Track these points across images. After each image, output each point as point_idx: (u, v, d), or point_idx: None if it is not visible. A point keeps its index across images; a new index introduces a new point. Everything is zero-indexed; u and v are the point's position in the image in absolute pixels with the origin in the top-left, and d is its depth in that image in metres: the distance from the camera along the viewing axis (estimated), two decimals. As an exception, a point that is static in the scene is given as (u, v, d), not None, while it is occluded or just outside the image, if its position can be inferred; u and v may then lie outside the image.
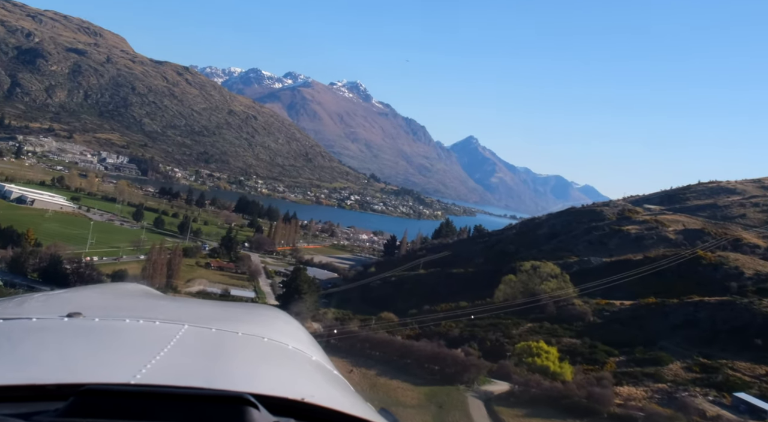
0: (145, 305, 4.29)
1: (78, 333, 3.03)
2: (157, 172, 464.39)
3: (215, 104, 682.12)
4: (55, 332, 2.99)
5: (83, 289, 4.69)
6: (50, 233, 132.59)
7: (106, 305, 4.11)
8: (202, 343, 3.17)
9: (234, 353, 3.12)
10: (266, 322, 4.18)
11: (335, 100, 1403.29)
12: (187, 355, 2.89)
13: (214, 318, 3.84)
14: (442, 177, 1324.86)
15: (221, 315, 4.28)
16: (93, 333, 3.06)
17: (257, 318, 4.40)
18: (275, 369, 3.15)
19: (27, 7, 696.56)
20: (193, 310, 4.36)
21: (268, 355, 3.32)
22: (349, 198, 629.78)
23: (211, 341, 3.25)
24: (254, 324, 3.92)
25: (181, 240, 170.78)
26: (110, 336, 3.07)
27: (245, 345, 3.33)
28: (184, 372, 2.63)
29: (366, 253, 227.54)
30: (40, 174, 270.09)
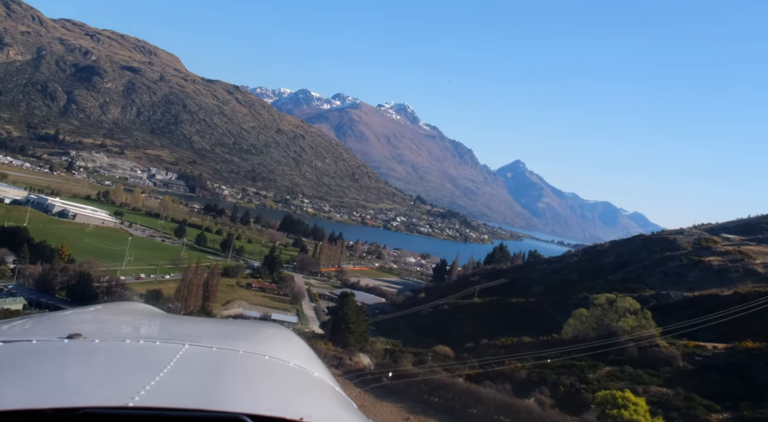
0: (146, 325, 4.27)
1: (77, 355, 3.02)
2: (205, 189, 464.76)
3: (264, 123, 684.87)
4: (55, 354, 2.98)
5: (84, 310, 4.64)
6: (87, 249, 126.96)
7: (106, 326, 4.10)
8: (202, 363, 3.15)
9: (234, 372, 3.11)
10: (268, 340, 4.15)
11: (383, 122, 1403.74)
12: (187, 375, 2.87)
13: (215, 337, 3.82)
14: (488, 200, 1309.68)
15: (222, 333, 4.27)
16: (93, 355, 3.06)
17: (259, 335, 4.37)
18: (275, 388, 3.13)
19: (86, 26, 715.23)
20: (194, 329, 4.34)
21: (268, 374, 3.31)
22: (395, 219, 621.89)
23: (212, 360, 3.24)
24: (255, 342, 3.90)
25: (222, 258, 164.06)
26: (110, 357, 3.07)
27: (246, 364, 3.31)
28: (183, 393, 2.62)
29: (414, 277, 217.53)
30: (86, 188, 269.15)
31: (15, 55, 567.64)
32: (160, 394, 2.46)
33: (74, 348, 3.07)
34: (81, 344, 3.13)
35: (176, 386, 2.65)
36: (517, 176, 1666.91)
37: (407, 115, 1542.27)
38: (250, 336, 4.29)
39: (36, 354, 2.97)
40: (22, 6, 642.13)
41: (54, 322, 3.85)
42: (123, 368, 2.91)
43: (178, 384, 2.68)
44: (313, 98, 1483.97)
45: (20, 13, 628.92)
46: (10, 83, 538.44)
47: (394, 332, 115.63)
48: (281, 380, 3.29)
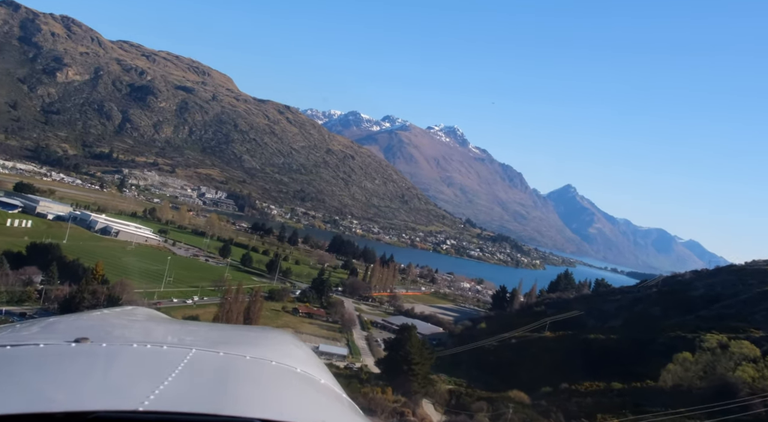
0: (153, 329, 4.28)
1: (85, 359, 3.02)
2: (254, 208, 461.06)
3: (314, 143, 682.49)
4: (63, 358, 2.98)
5: (91, 314, 4.67)
6: (125, 268, 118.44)
7: (113, 330, 4.10)
8: (209, 368, 3.15)
9: (242, 377, 3.11)
10: (274, 345, 4.16)
11: (432, 144, 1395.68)
12: (195, 380, 2.87)
13: (221, 342, 3.83)
14: (538, 225, 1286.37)
15: (229, 338, 4.25)
16: (100, 359, 3.06)
17: (265, 341, 4.39)
18: (284, 393, 3.12)
19: (143, 48, 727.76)
20: (201, 334, 4.35)
21: (276, 379, 3.31)
22: (445, 242, 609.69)
23: (219, 365, 3.24)
24: (262, 348, 3.91)
25: (268, 280, 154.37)
26: (118, 361, 3.07)
27: (253, 370, 3.32)
28: (193, 398, 2.61)
29: (470, 304, 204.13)
30: (133, 205, 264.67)
31: (74, 75, 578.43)
32: (170, 398, 2.46)
33: (82, 352, 3.07)
34: (88, 348, 3.14)
35: (185, 390, 2.65)
36: (568, 201, 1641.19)
37: (457, 138, 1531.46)
38: (256, 341, 4.29)
39: (44, 358, 2.97)
40: (82, 28, 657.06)
41: (61, 326, 3.85)
42: (131, 372, 2.91)
43: (187, 389, 2.69)
44: (363, 120, 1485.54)
45: (80, 34, 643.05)
46: (68, 102, 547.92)
47: (455, 368, 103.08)
48: (290, 386, 3.29)
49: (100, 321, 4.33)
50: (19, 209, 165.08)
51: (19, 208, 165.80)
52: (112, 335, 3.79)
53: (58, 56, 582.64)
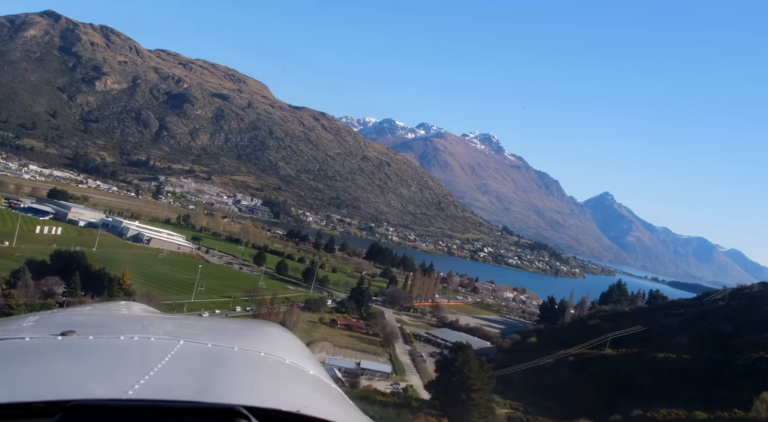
0: (141, 322, 4.25)
1: (71, 351, 3.01)
2: (289, 215, 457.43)
3: (349, 150, 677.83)
4: (48, 351, 2.98)
5: (78, 308, 4.64)
6: (155, 277, 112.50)
7: (101, 323, 4.07)
8: (197, 358, 3.15)
9: (229, 367, 3.12)
10: (263, 337, 4.15)
11: (467, 152, 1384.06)
12: (182, 370, 2.87)
13: (210, 334, 3.83)
14: (575, 233, 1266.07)
15: (218, 330, 4.25)
16: (86, 351, 3.05)
17: (255, 333, 4.37)
18: (271, 382, 3.12)
19: (180, 56, 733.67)
20: (189, 327, 4.35)
21: (264, 369, 3.30)
22: (482, 250, 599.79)
23: (207, 356, 3.24)
24: (251, 339, 3.91)
25: (304, 289, 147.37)
26: (104, 353, 3.06)
27: (241, 360, 3.31)
28: (178, 387, 2.60)
29: (515, 315, 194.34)
30: (167, 211, 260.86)
31: (112, 83, 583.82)
32: (155, 388, 2.45)
33: (68, 344, 3.07)
34: (75, 341, 3.13)
35: (171, 380, 2.64)
36: (605, 209, 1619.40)
37: (492, 145, 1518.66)
38: (245, 333, 4.29)
39: (29, 350, 2.97)
40: (120, 37, 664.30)
41: (48, 321, 3.84)
42: (117, 363, 2.91)
43: (173, 379, 2.68)
44: (398, 127, 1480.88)
45: (119, 44, 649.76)
46: (107, 111, 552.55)
47: (507, 388, 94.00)
48: (277, 375, 3.29)
49: (87, 316, 4.31)
50: (50, 216, 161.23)
51: (50, 214, 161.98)
52: (100, 328, 3.76)
53: (97, 65, 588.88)
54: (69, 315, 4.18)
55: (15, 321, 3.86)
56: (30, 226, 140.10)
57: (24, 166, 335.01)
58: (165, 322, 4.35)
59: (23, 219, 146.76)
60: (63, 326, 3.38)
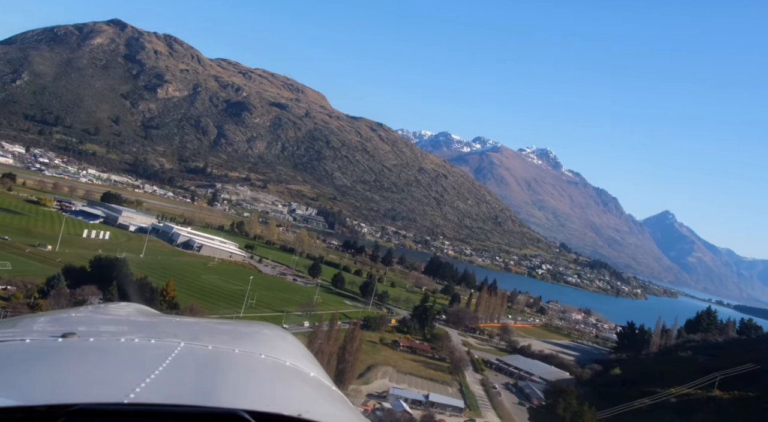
0: (141, 324, 4.26)
1: (72, 353, 2.99)
2: (344, 225, 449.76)
3: (406, 161, 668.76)
4: (49, 353, 2.95)
5: (78, 310, 4.62)
6: (202, 288, 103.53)
7: (101, 325, 4.07)
8: (197, 361, 3.13)
9: (230, 370, 3.09)
10: (263, 339, 4.14)
11: (523, 166, 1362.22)
12: (183, 373, 2.85)
13: (210, 336, 3.82)
14: (634, 252, 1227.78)
15: (218, 332, 4.24)
16: (87, 353, 3.02)
17: (254, 335, 4.36)
18: (272, 385, 3.11)
19: (240, 65, 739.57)
20: (189, 328, 4.30)
21: (264, 372, 3.29)
22: (541, 266, 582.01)
23: (207, 358, 3.22)
24: (251, 341, 3.90)
25: (362, 305, 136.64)
26: (105, 355, 3.03)
27: (242, 362, 3.29)
28: (179, 390, 2.59)
29: (587, 340, 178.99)
30: (220, 218, 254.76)
31: (173, 91, 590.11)
32: (156, 391, 2.44)
33: (68, 346, 3.05)
34: (75, 343, 3.11)
35: (172, 383, 2.63)
36: (666, 228, 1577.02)
37: (549, 161, 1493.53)
38: (245, 335, 4.28)
39: (29, 353, 2.95)
40: (183, 46, 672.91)
41: (48, 322, 3.81)
42: (118, 365, 2.89)
43: (175, 382, 2.67)
44: (454, 141, 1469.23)
45: (181, 52, 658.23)
46: (167, 118, 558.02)
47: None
48: (278, 378, 3.28)
49: (88, 317, 4.28)
50: (101, 219, 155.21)
51: (100, 218, 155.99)
52: (100, 330, 3.77)
53: (159, 73, 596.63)
54: (69, 316, 4.17)
55: (15, 322, 3.83)
56: (78, 230, 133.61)
57: (82, 169, 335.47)
58: (165, 324, 4.34)
59: (72, 223, 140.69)
60: (63, 327, 3.36)
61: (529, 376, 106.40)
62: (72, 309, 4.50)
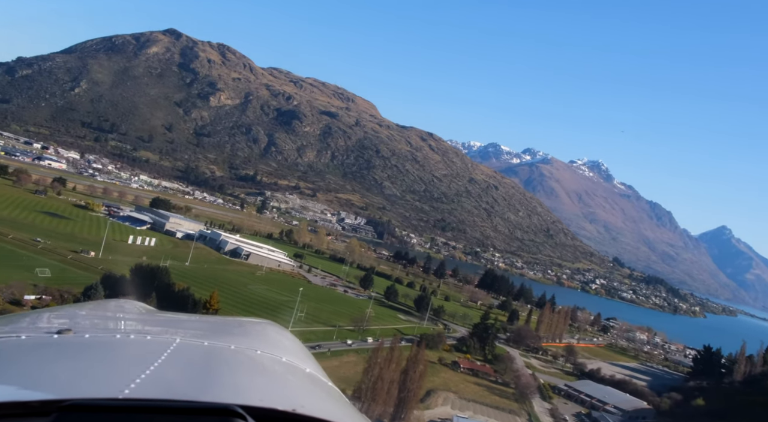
0: (137, 321, 4.24)
1: (67, 349, 2.99)
2: (393, 235, 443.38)
3: (456, 171, 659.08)
4: (44, 349, 2.95)
5: (74, 306, 4.61)
6: (249, 299, 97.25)
7: (97, 322, 4.06)
8: (193, 357, 3.13)
9: (226, 366, 3.09)
10: (259, 335, 4.13)
11: (574, 178, 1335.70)
12: (178, 369, 2.85)
13: (206, 332, 3.81)
14: (689, 268, 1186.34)
15: (215, 329, 4.22)
16: (82, 350, 3.02)
17: (251, 331, 4.36)
18: (267, 381, 3.11)
19: (291, 74, 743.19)
20: (185, 325, 4.32)
21: (260, 368, 3.29)
22: (594, 281, 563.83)
23: (203, 354, 3.21)
24: (247, 338, 3.88)
25: (417, 319, 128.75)
26: (100, 351, 3.04)
27: (237, 358, 3.29)
28: (174, 386, 2.59)
29: (656, 363, 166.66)
30: (269, 226, 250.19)
31: (225, 99, 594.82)
32: (151, 387, 2.44)
33: (64, 343, 3.04)
34: (71, 339, 3.11)
35: (167, 379, 2.64)
36: (722, 243, 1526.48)
37: (601, 173, 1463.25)
38: (241, 332, 4.27)
39: (24, 349, 2.95)
40: (236, 55, 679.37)
41: (44, 319, 3.81)
42: (113, 361, 2.89)
43: (170, 377, 2.67)
44: (503, 152, 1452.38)
45: (234, 61, 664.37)
46: (219, 125, 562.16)
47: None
48: (273, 374, 3.28)
49: (83, 314, 4.28)
50: (147, 225, 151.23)
51: (147, 224, 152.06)
52: (96, 326, 3.76)
53: (212, 81, 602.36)
54: (65, 313, 4.14)
55: (10, 318, 3.81)
56: (123, 236, 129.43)
57: (134, 175, 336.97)
58: (161, 320, 4.34)
59: (118, 228, 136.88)
60: (59, 324, 3.37)
61: (602, 405, 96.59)
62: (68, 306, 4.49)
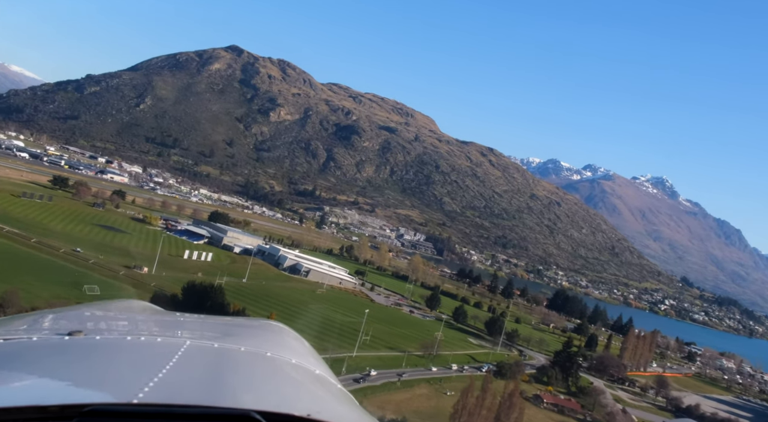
0: (147, 322, 4.27)
1: (79, 351, 3.01)
2: (453, 252, 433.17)
3: (517, 187, 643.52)
4: (56, 351, 2.97)
5: (84, 307, 4.63)
6: (310, 320, 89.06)
7: (107, 323, 4.10)
8: (204, 359, 3.15)
9: (237, 369, 3.10)
10: (268, 337, 4.14)
11: (637, 195, 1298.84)
12: (190, 372, 2.87)
13: (216, 334, 3.82)
14: (760, 288, 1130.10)
15: (224, 330, 4.23)
16: (94, 352, 3.04)
17: (260, 333, 4.37)
18: (279, 384, 3.14)
19: (350, 90, 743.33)
20: (194, 326, 4.35)
21: (271, 371, 3.30)
22: (663, 302, 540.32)
23: (214, 357, 3.24)
24: (257, 340, 3.90)
25: (489, 344, 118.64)
26: (112, 354, 3.06)
27: (248, 361, 3.30)
28: (188, 389, 2.61)
29: (752, 396, 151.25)
30: (329, 241, 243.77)
31: (285, 114, 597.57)
32: (165, 390, 2.45)
33: (75, 345, 3.06)
34: (82, 341, 3.13)
35: (180, 382, 2.65)
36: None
37: (665, 190, 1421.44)
38: (251, 333, 4.28)
39: (37, 351, 2.96)
40: (296, 70, 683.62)
41: (54, 320, 3.84)
42: (125, 364, 2.91)
43: (182, 381, 2.69)
44: (563, 168, 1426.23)
45: (294, 77, 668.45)
46: (278, 141, 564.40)
47: None
48: (285, 377, 3.29)
49: (93, 315, 4.29)
50: (205, 240, 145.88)
51: (204, 238, 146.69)
52: (107, 328, 3.78)
53: (272, 97, 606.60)
54: (75, 314, 4.17)
55: (21, 319, 3.82)
56: (179, 250, 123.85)
57: (195, 189, 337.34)
58: (171, 322, 4.35)
59: (174, 243, 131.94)
60: (69, 325, 3.40)
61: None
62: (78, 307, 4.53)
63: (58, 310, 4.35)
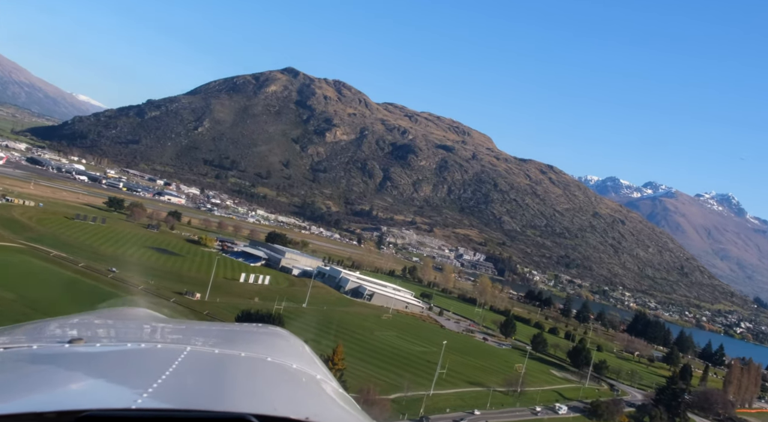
0: (148, 329, 4.26)
1: (79, 359, 3.01)
2: (515, 272, 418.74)
3: (579, 205, 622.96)
4: (56, 359, 2.97)
5: (85, 315, 4.60)
6: (377, 350, 79.95)
7: (107, 330, 4.12)
8: (204, 365, 3.14)
9: (237, 374, 3.10)
10: (269, 343, 4.13)
11: (702, 213, 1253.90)
12: (190, 377, 2.87)
13: (216, 340, 3.81)
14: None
15: (224, 336, 4.20)
16: (94, 359, 3.04)
17: (261, 338, 4.36)
18: (279, 389, 3.13)
19: (406, 109, 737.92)
20: (195, 333, 4.31)
21: (271, 375, 3.30)
22: (739, 325, 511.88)
23: (214, 363, 3.23)
24: (257, 345, 3.89)
25: (575, 377, 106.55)
26: (111, 361, 3.07)
27: (248, 366, 3.30)
28: (187, 395, 2.62)
29: None
30: (390, 263, 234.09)
31: (341, 135, 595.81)
32: (164, 396, 2.46)
33: (75, 352, 3.06)
34: (82, 349, 3.12)
35: (180, 388, 2.66)
36: None
37: (731, 207, 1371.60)
38: (251, 339, 4.28)
39: (37, 359, 2.97)
40: (351, 91, 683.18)
41: (54, 328, 3.85)
42: (125, 371, 2.91)
43: (182, 386, 2.70)
44: (622, 186, 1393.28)
45: (349, 97, 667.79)
46: (335, 161, 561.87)
47: None
48: (284, 381, 3.29)
49: (93, 322, 4.30)
50: (262, 262, 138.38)
51: (262, 260, 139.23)
52: (107, 335, 3.80)
53: (328, 117, 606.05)
54: (74, 322, 4.17)
55: (21, 328, 3.85)
56: (235, 273, 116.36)
57: (251, 210, 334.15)
58: (171, 328, 4.36)
59: (230, 265, 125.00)
60: (69, 333, 3.41)
61: None
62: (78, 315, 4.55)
63: (59, 318, 4.34)
